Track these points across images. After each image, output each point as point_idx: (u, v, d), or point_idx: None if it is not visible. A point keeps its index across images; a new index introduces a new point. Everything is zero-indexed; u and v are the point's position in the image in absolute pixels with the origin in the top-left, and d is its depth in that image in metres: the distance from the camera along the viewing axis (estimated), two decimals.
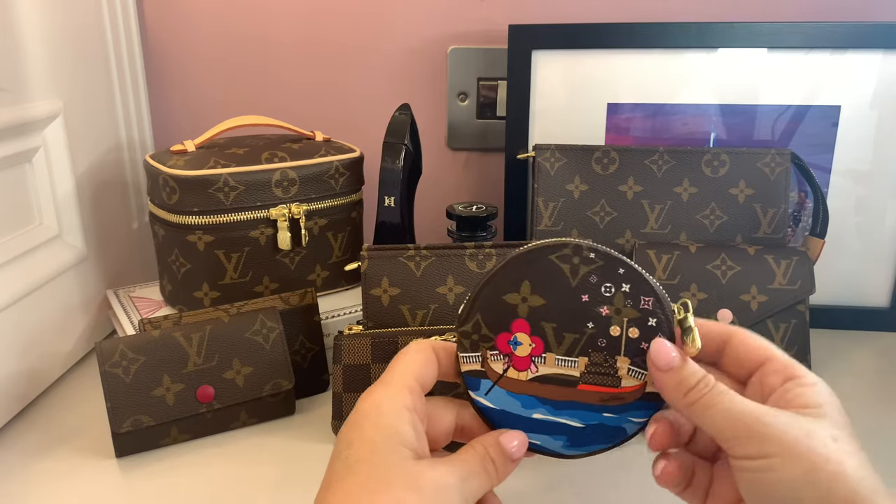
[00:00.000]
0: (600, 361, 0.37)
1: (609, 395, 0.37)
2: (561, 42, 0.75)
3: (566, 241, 0.37)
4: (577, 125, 0.78)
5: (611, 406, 0.37)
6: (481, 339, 0.38)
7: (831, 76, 0.73)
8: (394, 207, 0.67)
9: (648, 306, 0.37)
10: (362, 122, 0.88)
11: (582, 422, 0.38)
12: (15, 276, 0.60)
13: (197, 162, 0.65)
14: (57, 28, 0.66)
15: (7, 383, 0.59)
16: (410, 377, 0.36)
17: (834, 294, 0.77)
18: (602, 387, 0.37)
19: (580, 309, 0.37)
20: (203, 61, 0.88)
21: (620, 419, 0.37)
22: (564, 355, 0.37)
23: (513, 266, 0.37)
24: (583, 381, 0.37)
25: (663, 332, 0.36)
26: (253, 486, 0.52)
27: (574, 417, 0.38)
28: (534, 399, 0.38)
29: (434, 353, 0.38)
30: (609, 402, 0.37)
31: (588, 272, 0.37)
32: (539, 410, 0.38)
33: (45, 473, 0.54)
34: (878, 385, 0.67)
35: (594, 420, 0.37)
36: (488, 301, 0.37)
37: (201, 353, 0.56)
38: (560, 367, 0.37)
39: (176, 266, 0.67)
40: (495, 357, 0.38)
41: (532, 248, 0.37)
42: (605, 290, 0.37)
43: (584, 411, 0.37)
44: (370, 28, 0.85)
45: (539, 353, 0.37)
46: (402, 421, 0.34)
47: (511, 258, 0.37)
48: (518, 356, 0.38)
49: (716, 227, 0.69)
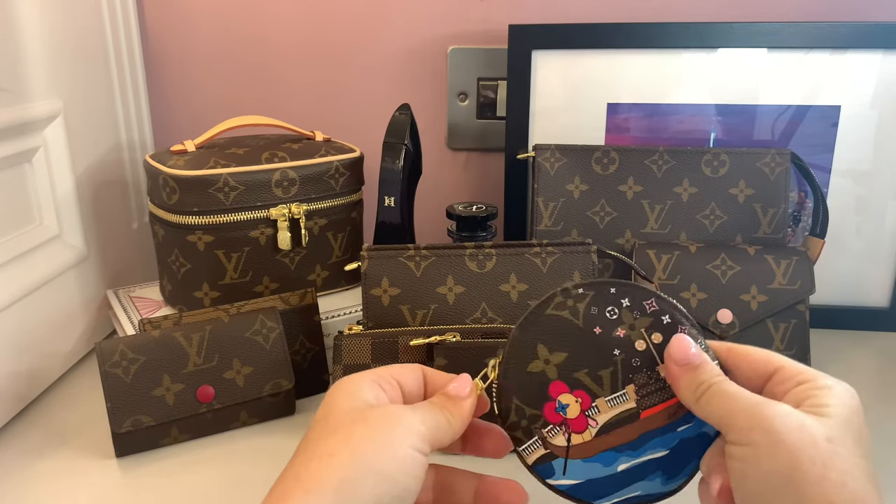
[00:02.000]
0: (646, 381, 0.36)
1: (673, 407, 0.36)
2: (561, 42, 0.75)
3: (552, 292, 0.37)
4: (577, 125, 0.78)
5: (680, 417, 0.36)
6: (531, 422, 0.37)
7: (831, 76, 0.73)
8: (394, 207, 0.67)
9: (654, 306, 0.37)
10: (362, 122, 0.88)
11: (665, 448, 0.36)
12: (15, 276, 0.60)
13: (197, 162, 0.65)
14: (57, 28, 0.66)
15: (7, 383, 0.59)
16: (386, 372, 0.38)
17: (834, 294, 0.77)
18: (662, 404, 0.36)
19: (600, 343, 0.37)
20: (203, 61, 0.88)
21: (696, 426, 0.36)
22: (612, 393, 0.36)
23: (519, 339, 0.37)
24: (642, 409, 0.36)
25: (681, 322, 0.36)
26: (253, 486, 0.52)
27: (656, 449, 0.36)
28: (611, 452, 0.36)
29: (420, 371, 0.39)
30: (676, 414, 0.36)
31: (586, 307, 0.37)
32: (622, 461, 0.36)
33: (45, 473, 0.54)
34: (878, 385, 0.67)
35: (675, 440, 0.36)
36: (516, 382, 0.37)
37: (201, 353, 0.56)
38: (615, 408, 0.36)
39: (176, 266, 0.67)
40: (553, 431, 0.37)
41: (527, 315, 0.37)
42: (609, 314, 0.37)
43: (661, 437, 0.36)
44: (370, 28, 0.85)
45: (589, 405, 0.37)
46: (363, 387, 0.36)
47: (513, 334, 0.37)
48: (572, 419, 0.37)
49: (716, 227, 0.69)
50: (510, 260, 0.56)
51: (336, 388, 0.36)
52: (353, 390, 0.36)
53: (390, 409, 0.35)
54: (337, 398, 0.36)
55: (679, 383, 0.35)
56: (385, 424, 0.33)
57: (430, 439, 0.34)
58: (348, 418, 0.34)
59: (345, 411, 0.34)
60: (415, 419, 0.34)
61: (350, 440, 0.32)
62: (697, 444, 0.36)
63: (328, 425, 0.34)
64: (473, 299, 0.55)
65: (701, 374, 0.34)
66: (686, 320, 0.36)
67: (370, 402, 0.35)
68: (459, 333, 0.53)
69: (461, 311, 0.56)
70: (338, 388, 0.36)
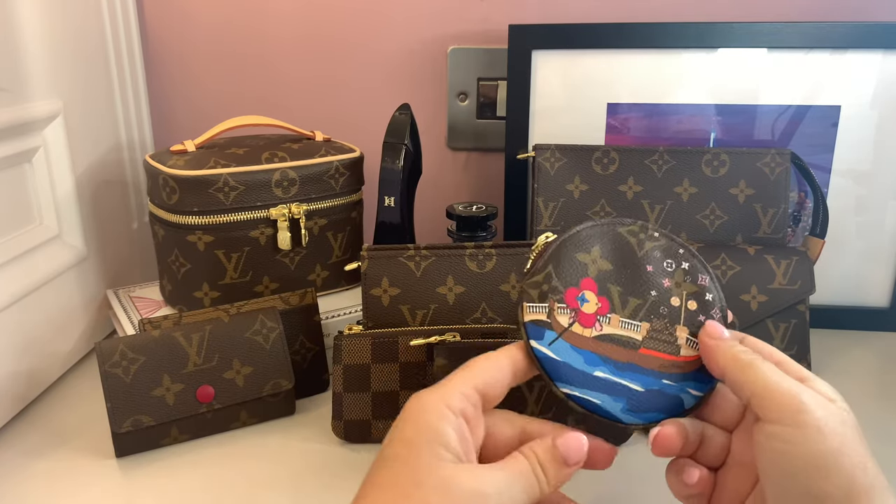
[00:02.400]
0: (661, 328, 0.39)
1: (669, 362, 0.38)
2: (561, 42, 0.75)
3: (636, 220, 0.40)
4: (577, 125, 0.78)
5: (670, 374, 0.38)
6: (551, 291, 0.39)
7: (831, 76, 0.73)
8: (394, 207, 0.67)
9: (705, 283, 0.40)
10: (362, 122, 0.88)
11: (642, 385, 0.38)
12: (15, 276, 0.60)
13: (197, 162, 0.65)
14: (57, 28, 0.66)
15: (7, 383, 0.59)
16: (468, 384, 0.35)
17: (834, 294, 0.77)
18: (662, 353, 0.39)
19: (645, 277, 0.40)
20: (203, 61, 0.88)
21: (679, 388, 0.38)
22: (628, 318, 0.39)
23: (585, 232, 0.40)
24: (644, 346, 0.39)
25: (718, 307, 0.39)
26: (253, 486, 0.52)
27: (635, 380, 0.38)
28: (596, 357, 0.38)
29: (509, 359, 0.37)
30: (668, 369, 0.38)
31: (653, 247, 0.40)
32: (601, 369, 0.38)
33: (45, 473, 0.54)
34: (878, 385, 0.67)
35: (654, 385, 0.38)
36: (561, 256, 0.39)
37: (201, 353, 0.56)
38: (624, 329, 0.39)
39: (176, 266, 0.67)
40: (562, 310, 0.39)
41: (601, 221, 0.40)
42: (667, 265, 0.40)
43: (645, 375, 0.38)
44: (370, 28, 0.85)
45: (605, 313, 0.39)
46: (445, 422, 0.33)
47: (584, 226, 0.40)
48: (584, 312, 0.39)
49: (716, 227, 0.69)
50: (510, 260, 0.56)
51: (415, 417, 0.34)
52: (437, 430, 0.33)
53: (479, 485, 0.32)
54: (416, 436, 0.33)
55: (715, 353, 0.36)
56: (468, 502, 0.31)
57: None
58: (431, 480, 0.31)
59: (425, 465, 0.32)
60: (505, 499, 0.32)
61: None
62: (670, 402, 0.38)
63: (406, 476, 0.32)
64: (473, 299, 0.55)
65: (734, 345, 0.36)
66: (722, 309, 0.39)
67: (455, 452, 0.33)
68: (459, 333, 0.53)
69: (461, 311, 0.56)
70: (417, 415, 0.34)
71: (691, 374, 0.38)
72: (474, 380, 0.36)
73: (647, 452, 0.38)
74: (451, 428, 0.33)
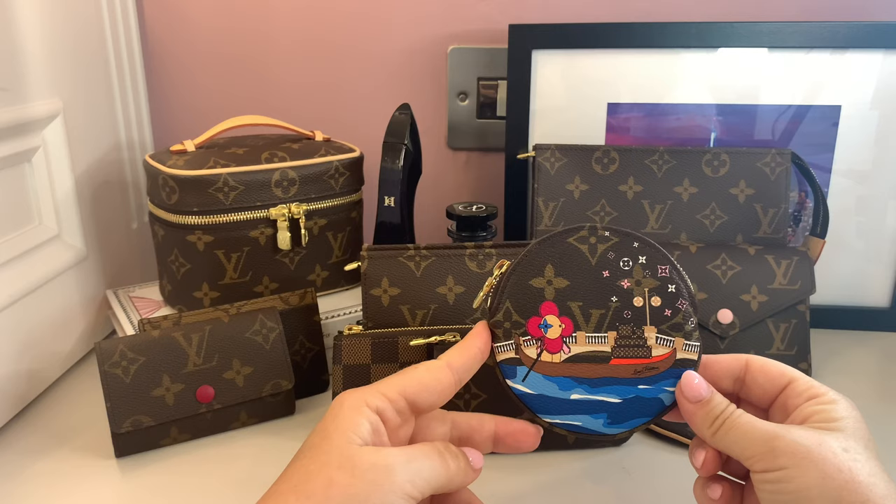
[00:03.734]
0: (628, 333, 0.39)
1: (642, 366, 0.38)
2: (561, 42, 0.75)
3: (582, 224, 0.39)
4: (577, 125, 0.78)
5: (645, 377, 0.38)
6: (513, 326, 0.39)
7: (831, 76, 0.73)
8: (394, 207, 0.67)
9: (666, 273, 0.39)
10: (362, 122, 0.88)
11: (619, 397, 0.39)
12: (14, 276, 0.60)
13: (197, 162, 0.64)
14: (57, 28, 0.66)
15: (7, 383, 0.59)
16: (394, 388, 0.37)
17: (834, 294, 0.77)
18: (634, 359, 0.38)
19: (603, 285, 0.39)
20: (203, 61, 0.88)
21: (656, 389, 0.39)
22: (594, 332, 0.39)
23: (534, 253, 0.39)
24: (615, 356, 0.39)
25: (683, 297, 0.39)
26: (253, 486, 0.52)
27: (611, 394, 0.39)
28: (570, 380, 0.39)
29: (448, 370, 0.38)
30: (643, 373, 0.38)
31: (605, 249, 0.39)
32: (576, 391, 0.39)
33: (45, 474, 0.54)
34: (878, 385, 0.67)
35: (630, 394, 0.39)
36: (516, 288, 0.39)
37: (201, 354, 0.56)
38: (591, 345, 0.39)
39: (176, 266, 0.67)
40: (528, 342, 0.39)
41: (551, 235, 0.39)
42: (623, 265, 0.39)
43: (620, 386, 0.39)
44: (370, 28, 0.85)
45: (569, 333, 0.39)
46: (359, 415, 0.35)
47: (531, 247, 0.39)
48: (550, 339, 0.39)
49: (716, 227, 0.69)
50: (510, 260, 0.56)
51: (334, 412, 0.35)
52: (351, 421, 0.34)
53: (382, 458, 0.33)
54: (332, 426, 0.35)
55: (694, 420, 0.37)
56: (371, 479, 0.32)
57: (426, 489, 0.34)
58: (336, 460, 0.33)
59: (335, 447, 0.33)
60: (409, 471, 0.33)
61: (329, 489, 0.32)
62: (649, 405, 0.39)
63: (315, 459, 0.33)
64: (473, 299, 0.55)
65: (714, 408, 0.37)
66: (688, 296, 0.39)
67: (365, 440, 0.34)
68: (459, 333, 0.53)
69: (461, 311, 0.56)
70: (337, 410, 0.35)
71: (666, 372, 0.39)
72: (403, 386, 0.37)
73: (647, 453, 0.39)
74: (364, 419, 0.35)
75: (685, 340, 0.39)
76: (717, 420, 0.36)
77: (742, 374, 0.39)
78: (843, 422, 0.34)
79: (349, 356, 0.55)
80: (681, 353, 0.38)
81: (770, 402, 0.38)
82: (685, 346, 0.39)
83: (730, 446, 0.36)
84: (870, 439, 0.34)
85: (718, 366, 0.39)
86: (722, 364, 0.39)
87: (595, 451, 0.55)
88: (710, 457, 0.38)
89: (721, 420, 0.36)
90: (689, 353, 0.39)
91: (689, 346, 0.39)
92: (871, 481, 0.32)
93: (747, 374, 0.39)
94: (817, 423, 0.35)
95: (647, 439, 0.57)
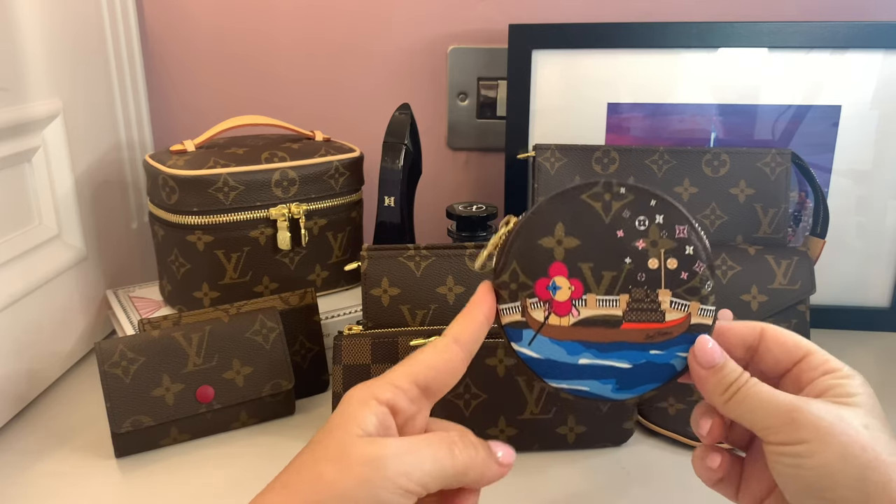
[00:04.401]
0: (642, 297, 0.37)
1: (655, 330, 0.37)
2: (561, 42, 0.75)
3: (596, 179, 0.37)
4: (577, 125, 0.77)
5: (657, 342, 0.37)
6: (520, 288, 0.37)
7: (831, 76, 0.73)
8: (394, 207, 0.67)
9: (684, 234, 0.37)
10: (362, 122, 0.88)
11: (629, 362, 0.37)
12: (14, 276, 0.60)
13: (197, 162, 0.64)
14: (57, 28, 0.66)
15: (6, 383, 0.59)
16: (405, 377, 0.35)
17: (834, 294, 0.77)
18: (647, 323, 0.37)
19: (616, 245, 0.37)
20: (203, 61, 0.88)
21: (668, 355, 0.37)
22: (605, 294, 0.37)
23: (545, 210, 0.37)
24: (626, 320, 0.37)
25: (701, 259, 0.37)
26: (253, 486, 0.52)
27: (621, 359, 0.37)
28: (578, 344, 0.37)
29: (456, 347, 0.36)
30: (655, 338, 0.37)
31: (621, 207, 0.37)
32: (585, 356, 0.37)
33: (45, 474, 0.54)
34: (878, 385, 0.66)
35: (642, 359, 0.37)
36: (523, 247, 0.37)
37: (201, 354, 0.56)
38: (602, 308, 0.37)
39: (176, 266, 0.67)
40: (535, 305, 0.37)
41: (563, 191, 0.37)
42: (639, 224, 0.37)
43: (631, 351, 0.37)
44: (370, 28, 0.85)
45: (579, 296, 0.37)
46: (366, 409, 0.33)
47: (542, 202, 0.37)
48: (558, 301, 0.37)
49: (716, 227, 0.69)
50: None
51: (342, 407, 0.34)
52: (356, 415, 0.33)
53: (376, 450, 0.31)
54: (336, 420, 0.33)
55: (706, 386, 0.36)
56: (361, 473, 0.30)
57: (428, 483, 0.32)
58: (330, 453, 0.31)
59: (334, 440, 0.32)
60: (405, 463, 0.31)
61: (317, 484, 0.31)
62: (660, 371, 0.37)
63: (312, 453, 0.32)
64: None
65: (728, 375, 0.35)
66: (707, 259, 0.37)
67: (369, 433, 0.32)
68: None
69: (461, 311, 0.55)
70: (344, 406, 0.34)
71: (680, 337, 0.37)
72: (413, 373, 0.35)
73: (647, 453, 0.38)
74: (371, 413, 0.33)
75: (701, 305, 0.37)
76: (732, 387, 0.35)
77: (756, 343, 0.37)
78: (860, 397, 0.33)
79: (349, 356, 0.55)
80: (695, 317, 0.37)
81: (782, 374, 0.37)
82: (700, 310, 0.37)
83: (744, 415, 0.34)
84: (885, 417, 0.33)
85: (732, 333, 0.38)
86: (736, 331, 0.38)
87: (595, 451, 0.55)
88: (716, 424, 0.37)
89: (735, 388, 0.34)
90: (704, 318, 0.37)
91: (705, 310, 0.37)
92: (893, 461, 0.31)
93: (761, 343, 0.37)
94: (835, 397, 0.33)
95: (648, 439, 0.57)
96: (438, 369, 0.35)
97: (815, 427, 0.32)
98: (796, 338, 0.37)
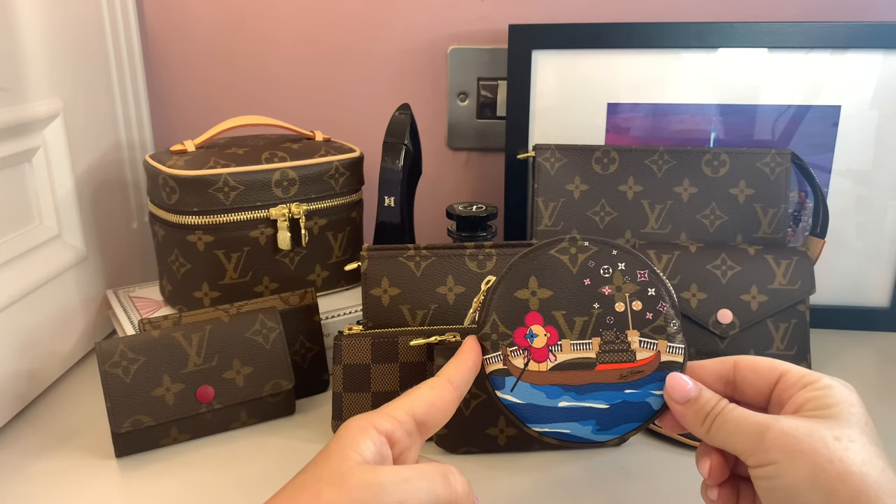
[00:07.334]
0: (612, 339, 0.40)
1: (627, 370, 0.39)
2: (561, 42, 0.75)
3: (562, 237, 0.41)
4: (577, 125, 0.78)
5: (631, 381, 0.39)
6: (500, 338, 0.40)
7: (831, 76, 0.73)
8: (394, 207, 0.67)
9: (645, 278, 0.40)
10: (362, 122, 0.88)
11: (606, 402, 0.39)
12: (15, 276, 0.60)
13: (197, 162, 0.65)
14: (57, 28, 0.66)
15: (7, 383, 0.59)
16: (403, 410, 0.36)
17: (834, 294, 0.77)
18: (619, 363, 0.39)
19: (584, 292, 0.40)
20: (203, 61, 0.88)
21: (642, 393, 0.39)
22: (578, 339, 0.40)
23: (518, 266, 0.41)
24: (600, 362, 0.39)
25: (664, 299, 0.40)
26: (253, 486, 0.52)
27: (598, 399, 0.39)
28: (557, 388, 0.39)
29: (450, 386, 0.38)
30: (628, 377, 0.39)
31: (586, 258, 0.40)
32: (564, 398, 0.39)
33: (45, 473, 0.54)
34: (878, 385, 0.67)
35: (618, 399, 0.39)
36: (501, 300, 0.40)
37: (201, 353, 0.56)
38: (576, 352, 0.40)
39: (176, 266, 0.67)
40: (515, 353, 0.40)
41: (533, 248, 0.41)
42: (603, 272, 0.40)
43: (607, 391, 0.39)
44: (370, 28, 0.85)
45: (555, 342, 0.40)
46: (365, 436, 0.34)
47: (515, 260, 0.41)
48: (536, 348, 0.40)
49: (716, 227, 0.69)
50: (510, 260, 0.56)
51: (340, 433, 0.35)
52: (355, 441, 0.34)
53: (374, 477, 0.32)
54: (334, 445, 0.34)
55: (686, 420, 0.37)
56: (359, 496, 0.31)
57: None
58: (329, 476, 0.32)
59: (332, 464, 0.33)
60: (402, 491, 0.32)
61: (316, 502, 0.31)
62: (637, 410, 0.39)
63: (310, 475, 0.33)
64: (473, 299, 0.55)
65: (704, 405, 0.36)
66: (669, 299, 0.40)
67: (367, 459, 0.33)
68: (460, 333, 0.53)
69: (461, 311, 0.56)
70: (343, 431, 0.35)
71: (652, 375, 0.39)
72: (411, 407, 0.37)
73: (647, 453, 0.38)
74: (370, 441, 0.34)
75: (668, 342, 0.39)
76: (709, 416, 0.36)
77: (731, 376, 0.38)
78: (837, 408, 0.33)
79: (349, 356, 0.55)
80: (665, 355, 0.39)
81: (766, 400, 0.38)
82: (669, 347, 0.39)
83: (725, 441, 0.35)
84: (867, 423, 0.33)
85: (704, 370, 0.39)
86: (709, 368, 0.39)
87: (595, 451, 0.55)
88: (715, 464, 0.37)
89: (713, 416, 0.35)
90: (674, 356, 0.39)
91: (673, 347, 0.39)
92: (864, 471, 0.30)
93: (737, 375, 0.38)
94: (811, 410, 0.34)
95: (647, 439, 0.57)
96: (435, 406, 0.37)
97: (782, 446, 0.32)
98: (770, 361, 0.38)
